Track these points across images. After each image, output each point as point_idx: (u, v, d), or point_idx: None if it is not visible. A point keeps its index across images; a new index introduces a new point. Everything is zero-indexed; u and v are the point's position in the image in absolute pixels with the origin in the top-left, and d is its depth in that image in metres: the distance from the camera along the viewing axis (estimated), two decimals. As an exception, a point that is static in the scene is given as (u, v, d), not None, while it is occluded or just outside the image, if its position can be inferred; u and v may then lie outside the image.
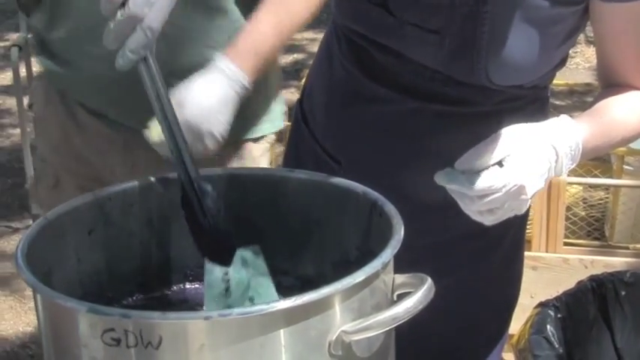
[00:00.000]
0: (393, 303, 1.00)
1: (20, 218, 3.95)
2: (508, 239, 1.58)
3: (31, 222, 3.88)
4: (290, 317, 0.91)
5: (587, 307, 1.50)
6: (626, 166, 2.78)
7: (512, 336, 1.92)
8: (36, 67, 4.84)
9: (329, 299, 0.93)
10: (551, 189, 2.59)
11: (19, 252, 1.02)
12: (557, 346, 1.41)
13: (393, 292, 1.03)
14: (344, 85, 1.51)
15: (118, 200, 1.18)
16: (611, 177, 2.89)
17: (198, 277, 1.19)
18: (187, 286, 1.22)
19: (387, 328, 0.97)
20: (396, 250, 0.99)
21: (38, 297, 0.98)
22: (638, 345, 1.51)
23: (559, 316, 1.48)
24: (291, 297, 0.91)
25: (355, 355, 0.97)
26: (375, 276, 0.97)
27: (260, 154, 1.71)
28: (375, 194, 1.12)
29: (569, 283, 2.63)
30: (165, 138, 1.13)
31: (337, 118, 1.52)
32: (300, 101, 1.64)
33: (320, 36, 1.68)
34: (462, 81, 1.40)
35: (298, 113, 1.62)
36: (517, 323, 2.63)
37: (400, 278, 1.02)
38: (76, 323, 0.92)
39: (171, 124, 1.12)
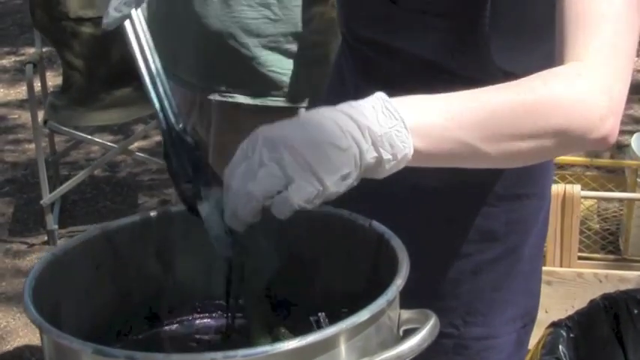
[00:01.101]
0: (399, 339, 1.00)
1: (36, 234, 3.97)
2: (526, 251, 1.56)
3: (46, 238, 3.91)
4: (295, 358, 0.90)
5: (599, 326, 1.50)
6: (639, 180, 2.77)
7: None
8: (51, 80, 4.88)
9: (334, 339, 0.92)
10: (566, 203, 2.59)
11: (27, 288, 1.01)
12: (569, 366, 1.41)
13: (399, 327, 1.02)
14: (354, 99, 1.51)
15: (125, 233, 1.17)
16: (624, 190, 2.88)
17: (207, 309, 1.19)
18: (196, 318, 1.22)
19: None
20: (401, 288, 0.99)
21: (44, 336, 0.98)
22: (652, 364, 1.50)
23: (571, 335, 1.48)
24: (296, 337, 0.90)
25: None
26: (381, 313, 0.97)
27: None
28: (381, 227, 1.11)
29: (583, 298, 2.63)
30: (146, 90, 1.14)
31: None
32: None
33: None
34: (467, 75, 1.33)
35: None
36: (533, 338, 2.62)
37: (406, 314, 1.02)
38: None
39: (154, 77, 1.13)
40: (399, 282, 1.00)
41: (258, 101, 2.06)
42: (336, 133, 1.02)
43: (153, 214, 1.20)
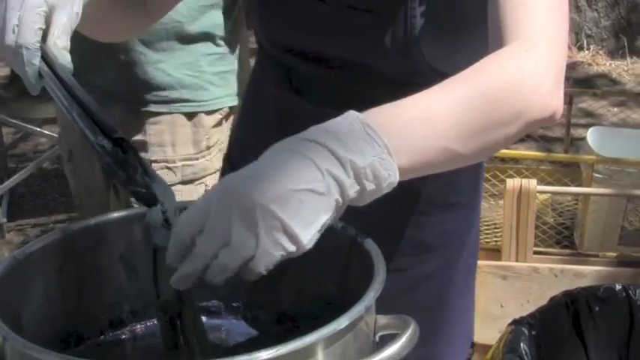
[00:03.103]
0: (374, 345, 0.98)
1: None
2: (462, 263, 1.55)
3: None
4: None
5: (560, 324, 1.48)
6: (595, 174, 2.78)
7: (489, 347, 1.91)
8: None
9: (312, 347, 0.90)
10: (521, 197, 2.59)
11: None
12: (530, 364, 1.39)
13: (375, 333, 1.01)
14: (278, 115, 1.46)
15: (87, 236, 1.15)
16: (580, 185, 2.89)
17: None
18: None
19: None
20: (378, 293, 0.97)
21: (7, 346, 0.94)
22: (612, 360, 1.49)
23: (533, 333, 1.45)
24: (274, 346, 0.87)
25: None
26: (359, 320, 0.95)
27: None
28: (354, 230, 1.08)
29: (539, 293, 2.64)
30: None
31: None
32: (229, 155, 1.60)
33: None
34: (395, 77, 1.34)
35: (227, 166, 1.58)
36: (487, 331, 2.62)
37: (383, 319, 1.00)
38: None
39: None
40: (376, 286, 0.98)
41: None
42: (311, 175, 0.95)
43: (116, 215, 1.18)
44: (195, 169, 2.19)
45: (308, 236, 0.95)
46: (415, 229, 1.45)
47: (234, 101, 2.26)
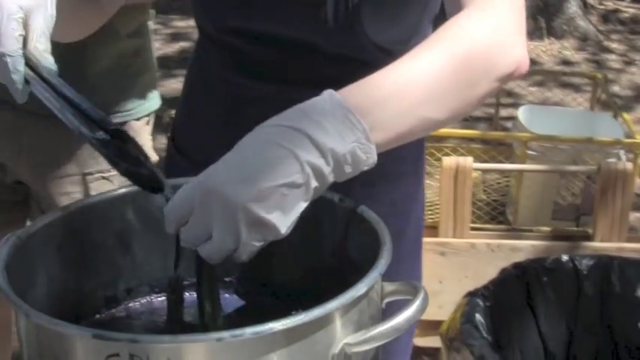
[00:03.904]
0: (382, 311, 1.01)
1: None
2: (410, 231, 1.58)
3: None
4: (297, 334, 0.91)
5: (512, 295, 1.52)
6: (529, 151, 2.84)
7: (430, 322, 1.95)
8: None
9: (332, 314, 0.93)
10: (458, 175, 2.63)
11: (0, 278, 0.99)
12: (485, 334, 1.43)
13: (382, 300, 1.04)
14: (225, 97, 1.46)
15: (85, 214, 1.16)
16: (513, 162, 2.95)
17: (165, 289, 1.18)
18: (154, 298, 1.22)
19: (389, 339, 0.97)
20: (389, 260, 0.99)
21: (25, 324, 0.95)
22: (561, 328, 1.54)
23: (487, 304, 1.50)
24: (300, 314, 0.90)
25: None
26: (372, 287, 0.97)
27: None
28: (352, 202, 1.10)
29: (477, 268, 2.70)
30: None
31: (220, 137, 1.47)
32: (173, 138, 1.60)
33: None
34: (338, 53, 1.35)
35: (172, 148, 1.59)
36: (428, 308, 2.66)
37: (390, 286, 1.02)
38: (76, 351, 0.90)
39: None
40: (386, 253, 1.01)
41: None
42: (291, 168, 0.99)
43: (112, 194, 1.19)
44: None
45: (286, 226, 1.00)
46: (363, 201, 1.47)
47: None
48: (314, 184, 1.00)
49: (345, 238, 1.12)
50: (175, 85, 5.22)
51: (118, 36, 1.93)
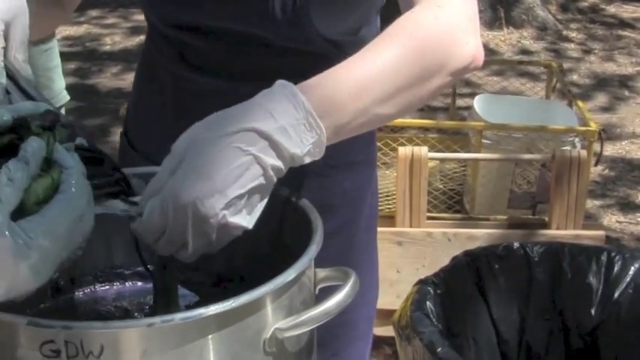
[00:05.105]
0: (315, 297, 1.02)
1: None
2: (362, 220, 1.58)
3: None
4: (227, 319, 0.92)
5: (463, 282, 1.52)
6: (484, 140, 2.85)
7: (389, 311, 1.95)
8: None
9: (263, 299, 0.95)
10: (413, 164, 2.64)
11: None
12: (435, 322, 1.43)
13: (315, 286, 1.05)
14: (175, 91, 1.46)
15: None
16: (469, 151, 2.96)
17: (109, 278, 1.20)
18: (97, 287, 1.22)
19: (319, 324, 0.99)
20: (320, 247, 1.00)
21: None
22: (513, 315, 1.54)
23: (438, 292, 1.49)
24: (228, 300, 0.91)
25: (287, 350, 0.99)
26: (303, 272, 0.99)
27: None
28: (286, 190, 1.11)
29: (433, 257, 2.70)
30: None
31: (170, 131, 1.47)
32: (125, 132, 1.60)
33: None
34: (290, 46, 1.36)
35: (124, 142, 1.58)
36: (386, 297, 2.67)
37: (322, 272, 1.04)
38: (14, 337, 0.91)
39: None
40: (317, 240, 1.03)
41: None
42: (255, 172, 1.03)
43: None
44: None
45: (252, 222, 1.04)
46: (315, 191, 1.47)
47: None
48: (274, 180, 1.05)
49: (280, 226, 1.13)
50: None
51: None
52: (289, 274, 0.97)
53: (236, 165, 1.01)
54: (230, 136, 1.03)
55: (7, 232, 0.87)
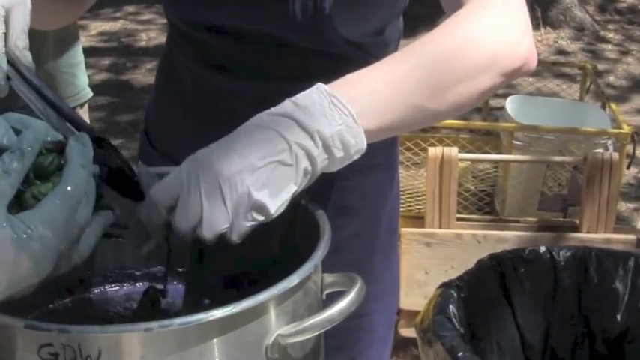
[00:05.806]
0: (322, 302, 1.01)
1: None
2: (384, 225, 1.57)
3: None
4: (227, 325, 0.91)
5: (488, 286, 1.50)
6: (515, 142, 2.83)
7: (416, 313, 1.94)
8: None
9: (265, 304, 0.93)
10: (443, 165, 2.62)
11: None
12: (457, 326, 1.42)
13: (322, 291, 1.04)
14: (195, 91, 1.45)
15: None
16: (500, 152, 2.94)
17: (119, 278, 1.19)
18: (108, 287, 1.21)
19: (322, 330, 0.97)
20: (326, 252, 0.99)
21: None
22: (538, 320, 1.53)
23: (461, 295, 1.48)
24: (228, 305, 0.90)
25: (291, 356, 0.97)
26: (308, 278, 0.98)
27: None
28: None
29: (462, 258, 2.68)
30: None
31: (190, 131, 1.45)
32: (145, 131, 1.60)
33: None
34: (311, 47, 1.35)
35: (145, 142, 1.58)
36: (413, 298, 2.65)
37: (329, 277, 1.03)
38: (12, 340, 0.90)
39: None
40: (323, 246, 1.02)
41: None
42: (279, 147, 1.00)
43: None
44: None
45: (276, 206, 1.01)
46: (336, 194, 1.46)
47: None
48: (304, 164, 1.02)
49: (291, 229, 1.12)
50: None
51: None
52: (292, 280, 0.96)
53: (259, 137, 1.00)
54: (255, 118, 1.04)
55: (4, 224, 0.86)
